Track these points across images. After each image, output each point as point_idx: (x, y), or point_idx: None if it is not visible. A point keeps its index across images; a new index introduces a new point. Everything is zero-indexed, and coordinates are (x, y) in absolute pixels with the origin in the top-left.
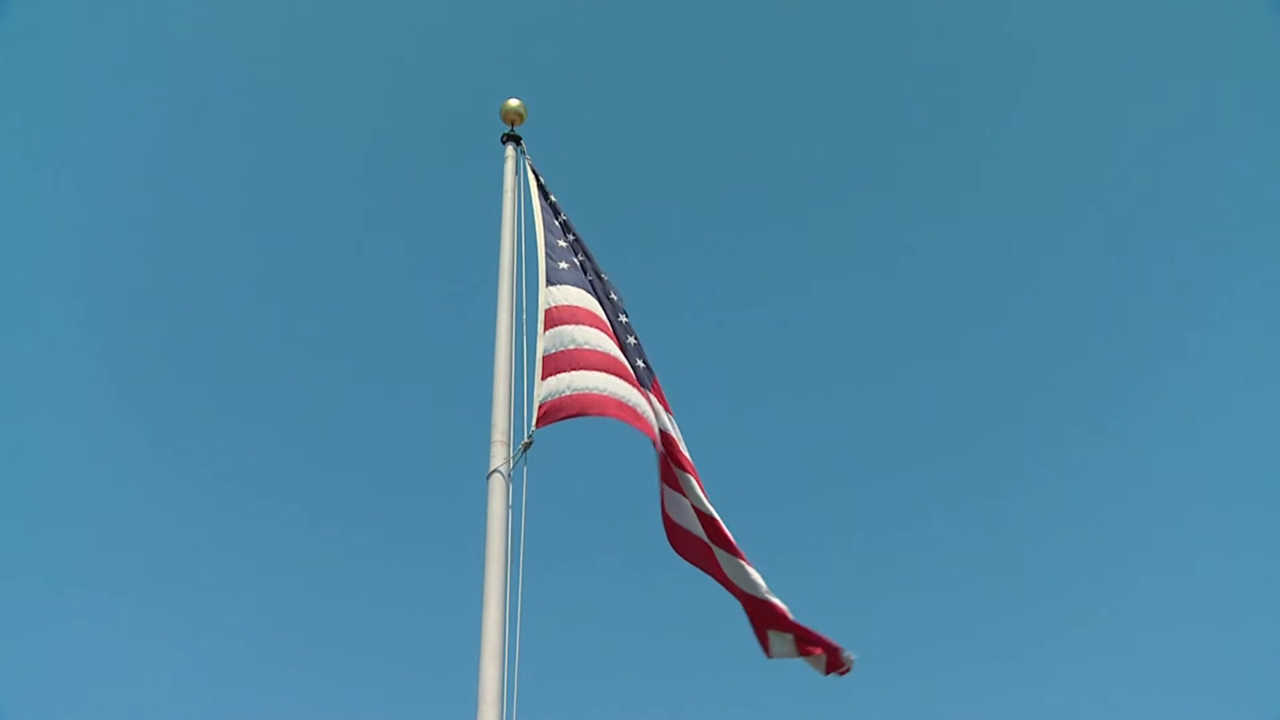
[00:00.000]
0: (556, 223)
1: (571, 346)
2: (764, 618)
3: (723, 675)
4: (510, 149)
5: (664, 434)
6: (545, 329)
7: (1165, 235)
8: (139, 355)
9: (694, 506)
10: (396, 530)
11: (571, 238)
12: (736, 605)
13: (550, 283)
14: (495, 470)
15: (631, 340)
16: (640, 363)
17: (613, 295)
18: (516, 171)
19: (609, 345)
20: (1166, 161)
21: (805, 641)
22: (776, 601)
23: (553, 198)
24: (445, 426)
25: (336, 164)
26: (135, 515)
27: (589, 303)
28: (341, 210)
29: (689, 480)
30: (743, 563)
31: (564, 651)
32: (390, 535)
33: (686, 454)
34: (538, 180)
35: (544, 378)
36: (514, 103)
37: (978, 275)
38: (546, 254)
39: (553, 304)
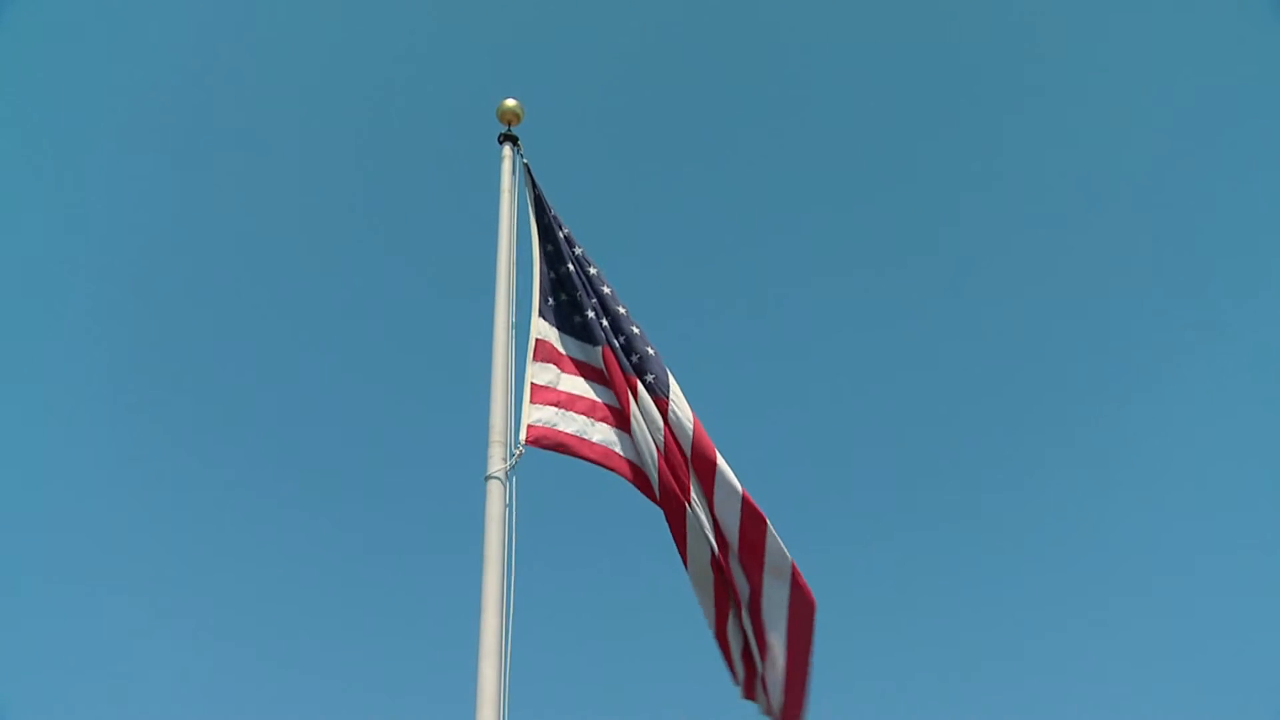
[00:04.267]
0: (561, 236)
1: (562, 390)
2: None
3: (722, 676)
4: (507, 149)
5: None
6: (535, 358)
7: (1166, 236)
8: (140, 357)
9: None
10: (395, 532)
11: (576, 252)
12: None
13: (542, 315)
14: (493, 472)
15: (634, 330)
16: (634, 356)
17: (619, 308)
18: (513, 172)
19: (604, 395)
20: (1166, 161)
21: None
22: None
23: (552, 211)
24: (443, 428)
25: (330, 164)
26: (136, 515)
27: (579, 350)
28: (336, 210)
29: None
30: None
31: (562, 653)
32: (388, 537)
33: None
34: (534, 188)
35: (533, 402)
36: (511, 102)
37: (976, 277)
38: (541, 285)
39: (541, 337)
